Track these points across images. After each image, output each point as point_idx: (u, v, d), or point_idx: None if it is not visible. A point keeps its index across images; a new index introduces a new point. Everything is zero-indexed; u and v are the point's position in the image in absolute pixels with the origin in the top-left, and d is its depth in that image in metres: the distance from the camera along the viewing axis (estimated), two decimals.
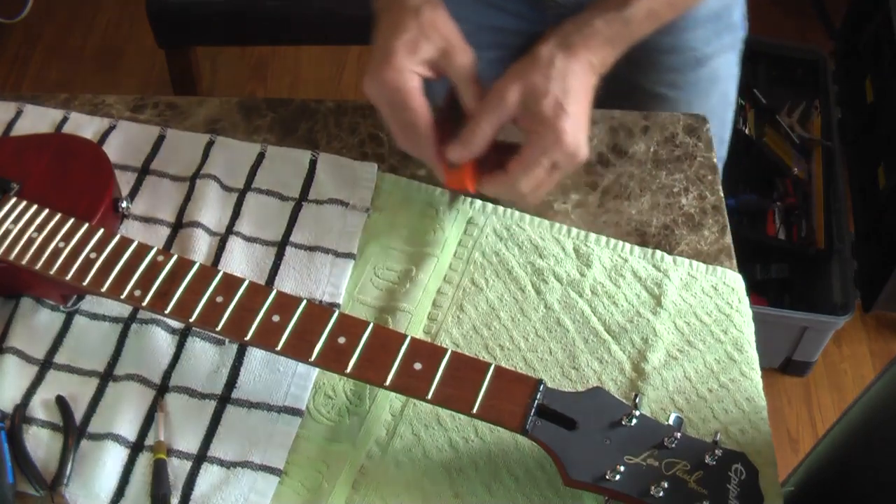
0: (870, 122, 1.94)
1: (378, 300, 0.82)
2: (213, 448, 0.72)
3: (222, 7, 1.83)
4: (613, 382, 0.78)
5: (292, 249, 0.84)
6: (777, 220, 1.79)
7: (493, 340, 0.80)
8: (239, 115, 0.95)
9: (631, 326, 0.81)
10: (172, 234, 0.85)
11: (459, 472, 0.72)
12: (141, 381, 0.75)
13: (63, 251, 0.74)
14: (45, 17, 2.37)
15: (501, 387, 0.68)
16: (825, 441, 0.93)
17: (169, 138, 0.92)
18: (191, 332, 0.78)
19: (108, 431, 0.72)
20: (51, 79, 2.26)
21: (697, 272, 0.84)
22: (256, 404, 0.74)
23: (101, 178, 0.82)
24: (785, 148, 1.85)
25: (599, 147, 0.93)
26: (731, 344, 0.80)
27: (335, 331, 0.70)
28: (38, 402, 0.74)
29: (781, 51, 2.00)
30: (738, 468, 0.66)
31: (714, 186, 0.91)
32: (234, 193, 0.88)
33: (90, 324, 0.79)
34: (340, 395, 0.76)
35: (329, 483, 0.71)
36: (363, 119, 0.95)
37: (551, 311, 0.81)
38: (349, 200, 0.87)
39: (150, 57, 2.23)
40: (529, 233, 0.86)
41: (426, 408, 0.75)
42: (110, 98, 0.96)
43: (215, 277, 0.73)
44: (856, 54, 2.07)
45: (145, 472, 0.71)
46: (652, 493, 0.64)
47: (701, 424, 0.76)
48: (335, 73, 2.29)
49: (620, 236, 0.87)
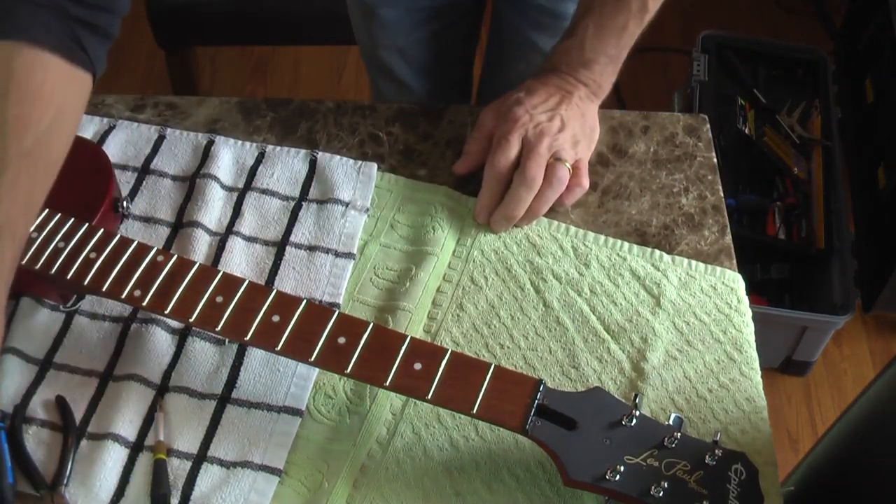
0: (870, 122, 1.94)
1: (378, 300, 0.82)
2: (213, 448, 0.72)
3: (222, 7, 1.83)
4: (613, 382, 0.78)
5: (292, 249, 0.84)
6: (777, 219, 1.79)
7: (493, 339, 0.80)
8: (239, 115, 0.95)
9: (630, 326, 0.81)
10: (172, 234, 0.85)
11: (460, 470, 0.72)
12: (141, 381, 0.75)
13: (63, 251, 0.74)
14: None
15: (501, 387, 0.68)
16: (825, 441, 0.93)
17: (169, 138, 0.92)
18: (191, 332, 0.78)
19: (108, 431, 0.72)
20: None
21: (696, 272, 0.84)
22: (256, 404, 0.74)
23: (101, 178, 0.82)
24: (785, 148, 1.85)
25: (599, 147, 0.93)
26: (731, 344, 0.80)
27: (335, 331, 0.70)
28: (38, 402, 0.74)
29: (781, 51, 2.00)
30: (738, 468, 0.66)
31: (714, 186, 0.91)
32: (234, 193, 0.88)
33: (90, 324, 0.79)
34: (340, 394, 0.76)
35: (329, 482, 0.71)
36: (363, 119, 0.95)
37: (550, 309, 0.82)
38: (349, 200, 0.87)
39: (150, 57, 2.23)
40: (528, 231, 0.86)
41: (427, 407, 0.75)
42: (110, 98, 0.96)
43: (215, 277, 0.73)
44: (856, 54, 2.07)
45: (145, 472, 0.71)
46: (652, 493, 0.64)
47: (701, 424, 0.76)
48: (335, 73, 2.29)
49: (620, 236, 0.87)
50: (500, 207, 0.85)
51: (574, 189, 0.87)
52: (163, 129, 0.93)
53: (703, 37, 1.95)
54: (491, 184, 0.86)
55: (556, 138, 0.85)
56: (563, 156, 0.85)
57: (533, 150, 0.85)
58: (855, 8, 2.14)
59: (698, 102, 1.84)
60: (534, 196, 0.85)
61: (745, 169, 1.81)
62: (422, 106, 0.97)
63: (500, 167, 0.85)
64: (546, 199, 0.85)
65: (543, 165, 0.85)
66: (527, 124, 0.86)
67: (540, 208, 0.86)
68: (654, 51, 2.23)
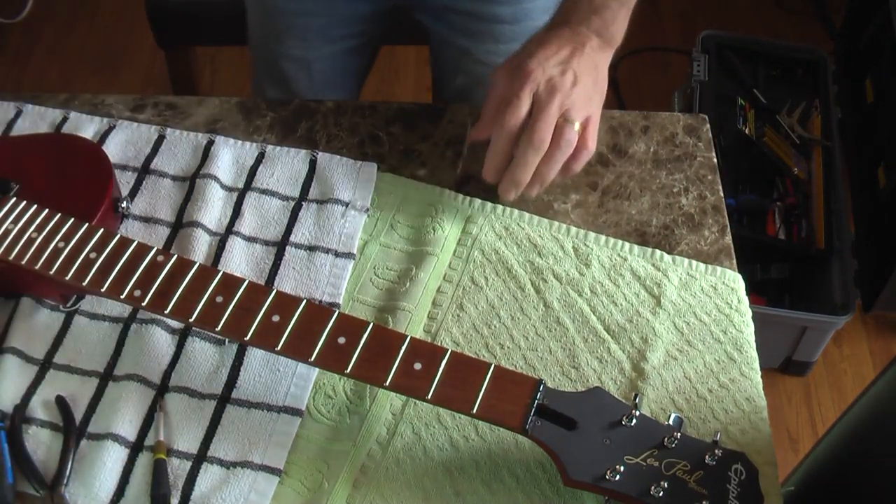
0: (870, 122, 1.94)
1: (378, 300, 0.82)
2: (213, 448, 0.72)
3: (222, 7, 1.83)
4: (613, 382, 0.78)
5: (292, 249, 0.84)
6: (777, 220, 1.79)
7: (494, 339, 0.80)
8: (239, 115, 0.95)
9: (630, 326, 0.81)
10: (172, 234, 0.85)
11: (460, 470, 0.72)
12: (141, 381, 0.75)
13: (63, 251, 0.74)
14: (45, 17, 2.37)
15: (501, 387, 0.68)
16: (825, 441, 0.93)
17: (169, 138, 0.92)
18: (191, 332, 0.78)
19: (108, 431, 0.72)
20: (51, 79, 2.26)
21: (697, 272, 0.84)
22: (256, 404, 0.74)
23: (101, 178, 0.82)
24: (785, 148, 1.85)
25: (599, 147, 0.93)
26: (731, 344, 0.80)
27: (335, 331, 0.70)
28: (38, 402, 0.74)
29: (781, 51, 2.00)
30: (738, 468, 0.66)
31: (714, 186, 0.91)
32: (234, 193, 0.88)
33: (90, 324, 0.79)
34: (340, 394, 0.76)
35: (329, 482, 0.71)
36: (363, 119, 0.95)
37: (551, 309, 0.82)
38: (349, 200, 0.87)
39: (150, 57, 2.23)
40: (528, 231, 0.86)
41: (427, 407, 0.75)
42: (110, 98, 0.96)
43: (215, 277, 0.73)
44: (856, 54, 2.07)
45: (145, 472, 0.71)
46: (652, 493, 0.64)
47: (701, 424, 0.76)
48: None
49: (620, 236, 0.87)
50: (507, 173, 0.82)
51: (580, 154, 0.83)
52: (163, 129, 0.93)
53: (703, 37, 1.95)
54: (499, 144, 0.82)
55: (569, 94, 0.81)
56: (572, 115, 0.81)
57: (543, 110, 0.80)
58: (855, 8, 2.14)
59: (698, 102, 1.84)
60: (541, 158, 0.81)
61: (745, 169, 1.81)
62: (422, 106, 0.97)
63: (509, 126, 0.81)
64: (554, 161, 0.81)
65: (552, 126, 0.81)
66: (538, 79, 0.81)
67: (548, 172, 0.82)
68: (654, 51, 2.23)
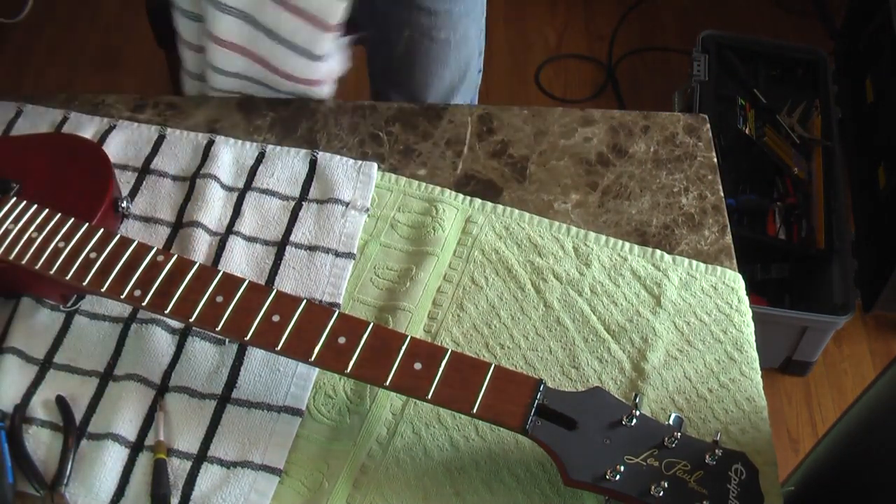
0: (870, 122, 1.94)
1: (378, 299, 0.82)
2: (214, 448, 0.72)
3: None
4: (613, 382, 0.78)
5: (292, 249, 0.84)
6: (777, 219, 1.79)
7: (494, 339, 0.80)
8: (239, 115, 0.95)
9: (630, 326, 0.81)
10: (172, 233, 0.85)
11: (460, 470, 0.72)
12: (141, 381, 0.75)
13: (63, 251, 0.74)
14: (45, 17, 2.37)
15: (501, 387, 0.68)
16: (825, 441, 0.93)
17: (169, 138, 0.92)
18: (191, 332, 0.78)
19: (108, 431, 0.72)
20: (51, 79, 2.26)
21: (697, 272, 0.84)
22: (256, 404, 0.74)
23: (101, 177, 0.82)
24: (785, 148, 1.85)
25: (599, 147, 0.93)
26: (731, 344, 0.80)
27: (335, 331, 0.70)
28: (38, 402, 0.74)
29: (781, 51, 2.00)
30: (739, 468, 0.66)
31: (714, 186, 0.91)
32: (234, 193, 0.88)
33: (90, 324, 0.79)
34: (341, 394, 0.76)
35: (330, 482, 0.71)
36: (363, 119, 0.95)
37: (551, 309, 0.82)
38: (349, 200, 0.87)
39: (150, 57, 2.23)
40: (528, 231, 0.86)
41: (427, 407, 0.75)
42: (110, 98, 0.96)
43: (215, 277, 0.73)
44: (856, 54, 2.07)
45: (145, 471, 0.71)
46: (652, 493, 0.64)
47: (701, 424, 0.76)
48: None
49: (620, 236, 0.87)
50: None
51: None
52: (163, 129, 0.93)
53: (703, 37, 1.95)
54: None
55: None
56: None
57: None
58: (855, 8, 2.14)
59: (698, 102, 1.84)
60: None
61: (745, 169, 1.81)
62: (422, 106, 0.97)
63: None
64: None
65: None
66: None
67: None
68: (654, 51, 2.23)
